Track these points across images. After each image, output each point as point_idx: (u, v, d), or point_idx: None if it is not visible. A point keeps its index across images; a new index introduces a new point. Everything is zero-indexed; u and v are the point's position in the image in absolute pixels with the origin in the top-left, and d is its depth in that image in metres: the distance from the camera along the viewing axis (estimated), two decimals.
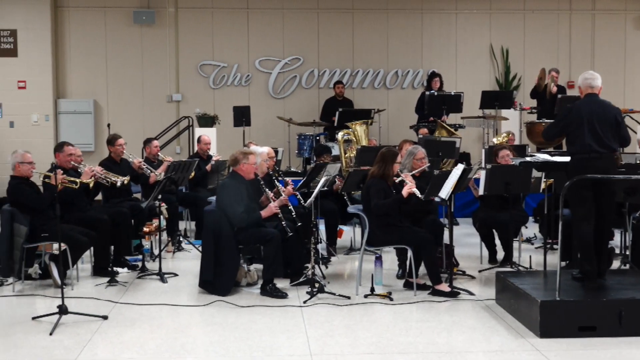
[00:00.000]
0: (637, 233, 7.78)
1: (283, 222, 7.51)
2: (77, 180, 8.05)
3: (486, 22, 16.02)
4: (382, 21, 15.85)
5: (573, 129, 6.67)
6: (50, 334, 6.07)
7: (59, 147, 8.52)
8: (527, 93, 14.64)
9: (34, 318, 6.51)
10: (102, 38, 15.44)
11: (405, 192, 7.27)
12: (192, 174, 10.17)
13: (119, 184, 8.46)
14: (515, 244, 8.81)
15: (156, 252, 8.81)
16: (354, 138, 11.79)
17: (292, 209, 7.88)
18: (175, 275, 8.29)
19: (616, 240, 9.22)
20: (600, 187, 6.62)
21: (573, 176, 6.42)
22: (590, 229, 6.61)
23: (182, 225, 10.70)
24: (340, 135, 11.78)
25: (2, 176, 14.50)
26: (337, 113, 13.26)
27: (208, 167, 10.76)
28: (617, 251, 8.93)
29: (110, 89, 15.50)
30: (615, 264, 8.35)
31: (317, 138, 13.91)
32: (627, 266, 8.13)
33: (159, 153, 10.48)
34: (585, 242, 6.59)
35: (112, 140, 9.64)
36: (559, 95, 12.81)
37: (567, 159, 6.98)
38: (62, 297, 6.43)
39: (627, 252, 8.29)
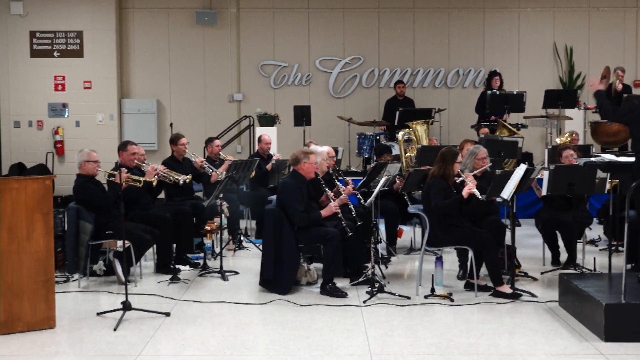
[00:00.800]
0: None
1: (343, 222, 7.51)
2: (141, 179, 8.17)
3: (550, 20, 15.77)
4: (443, 20, 15.74)
5: (637, 127, 6.53)
6: (115, 329, 6.17)
7: (123, 146, 8.65)
8: (591, 92, 14.37)
9: (98, 314, 6.64)
10: (165, 39, 15.67)
11: (465, 192, 7.20)
12: (253, 173, 10.24)
13: (181, 182, 8.57)
14: (579, 246, 8.65)
15: (217, 250, 8.90)
16: (414, 137, 11.73)
17: (352, 208, 7.88)
18: (236, 273, 8.37)
19: None
20: None
21: (639, 176, 6.29)
22: None
23: (243, 224, 10.79)
24: (400, 134, 11.73)
25: (69, 175, 14.85)
26: (397, 113, 13.21)
27: (268, 166, 10.82)
28: None
29: (172, 89, 15.73)
30: None
31: (377, 138, 13.89)
32: None
33: (220, 152, 10.58)
34: None
35: (174, 140, 9.77)
36: (625, 95, 12.54)
37: (633, 159, 6.84)
38: (126, 294, 6.54)
39: None
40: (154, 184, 8.35)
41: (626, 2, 15.70)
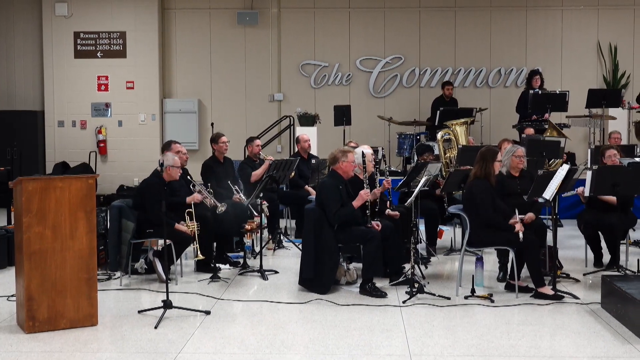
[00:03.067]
0: None
1: (367, 211, 7.51)
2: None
3: (594, 18, 15.57)
4: (484, 18, 15.62)
5: None
6: (155, 327, 6.23)
7: (167, 145, 8.73)
8: (636, 91, 14.17)
9: (139, 311, 6.71)
10: (207, 39, 15.78)
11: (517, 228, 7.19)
12: (293, 173, 10.26)
13: (218, 210, 8.43)
14: (623, 247, 8.53)
15: (257, 249, 8.94)
16: (453, 138, 11.66)
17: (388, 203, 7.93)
18: (276, 272, 8.39)
19: None
20: None
21: None
22: None
23: (282, 223, 10.81)
24: (440, 134, 11.68)
25: (111, 174, 15.09)
26: (438, 112, 13.15)
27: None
28: None
29: (214, 88, 15.84)
30: None
31: (418, 137, 13.84)
32: None
33: (261, 152, 10.61)
34: None
35: (215, 138, 9.83)
36: None
37: None
38: (167, 292, 6.60)
39: None
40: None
41: None
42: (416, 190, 7.60)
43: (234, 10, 15.63)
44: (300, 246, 8.39)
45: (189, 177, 8.71)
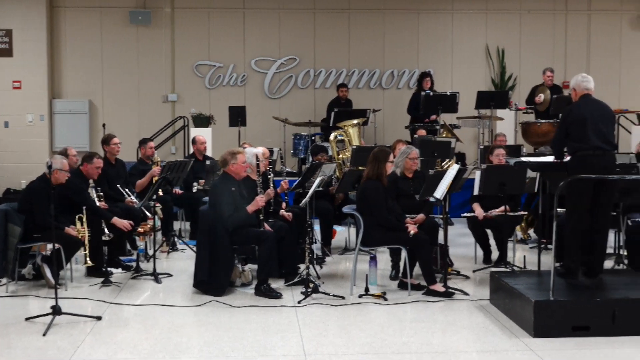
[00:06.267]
0: (632, 234, 7.79)
1: (261, 215, 7.50)
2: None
3: (482, 22, 16.02)
4: (378, 21, 15.84)
5: (576, 127, 6.73)
6: (44, 334, 6.05)
7: (89, 158, 8.53)
8: (522, 93, 14.66)
9: (27, 319, 6.48)
10: (98, 38, 15.42)
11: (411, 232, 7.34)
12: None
13: (104, 238, 8.25)
14: (510, 244, 8.82)
15: (151, 252, 8.80)
16: (346, 139, 11.79)
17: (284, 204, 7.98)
18: (170, 275, 8.28)
19: (610, 241, 9.23)
20: (600, 185, 6.67)
21: (575, 174, 6.48)
22: (583, 228, 6.68)
23: (176, 225, 10.68)
24: (332, 136, 11.80)
25: None
26: (332, 113, 13.25)
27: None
28: (611, 251, 8.95)
29: (105, 89, 15.49)
30: (609, 264, 8.38)
31: (313, 138, 13.92)
32: (621, 266, 8.14)
33: (155, 153, 10.45)
34: (574, 241, 6.70)
35: (107, 140, 9.64)
36: (554, 96, 12.81)
37: (551, 158, 7.08)
38: (56, 298, 6.41)
39: (621, 252, 8.30)
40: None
41: (555, 6, 16.04)
42: (310, 190, 7.65)
43: (126, 9, 15.32)
44: (194, 248, 8.31)
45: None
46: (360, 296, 7.24)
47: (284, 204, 8.44)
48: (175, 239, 9.92)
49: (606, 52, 16.04)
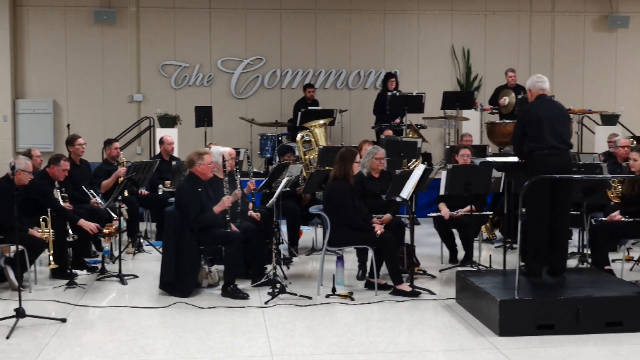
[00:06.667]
0: (595, 233, 7.88)
1: (227, 216, 7.48)
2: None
3: (448, 23, 16.12)
4: (344, 22, 15.87)
5: (532, 127, 6.84)
6: (7, 337, 5.97)
7: (56, 161, 8.45)
8: (487, 93, 14.77)
9: None
10: (62, 38, 15.26)
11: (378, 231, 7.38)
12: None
13: (69, 239, 8.17)
14: (476, 244, 8.89)
15: (116, 253, 8.73)
16: (312, 139, 11.79)
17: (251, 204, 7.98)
18: (136, 277, 8.21)
19: (574, 240, 9.36)
20: (558, 184, 6.76)
21: (532, 173, 6.56)
22: (544, 227, 6.76)
23: (142, 226, 10.61)
24: (299, 136, 11.80)
25: None
26: (299, 114, 13.25)
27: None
28: (575, 250, 9.06)
29: (70, 89, 15.33)
30: (573, 263, 8.49)
31: (279, 139, 13.91)
32: (585, 265, 8.24)
33: (120, 154, 10.38)
34: (537, 241, 6.79)
35: (71, 140, 9.55)
36: (519, 96, 12.92)
37: (516, 158, 7.17)
38: (20, 300, 6.33)
39: (585, 251, 8.40)
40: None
41: (520, 7, 16.19)
42: (277, 191, 7.64)
43: (91, 8, 15.17)
44: (160, 249, 8.26)
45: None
46: (327, 296, 7.25)
47: (250, 205, 8.42)
48: (141, 240, 9.85)
49: (570, 52, 16.22)
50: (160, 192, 10.29)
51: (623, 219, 7.80)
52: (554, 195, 6.81)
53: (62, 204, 8.20)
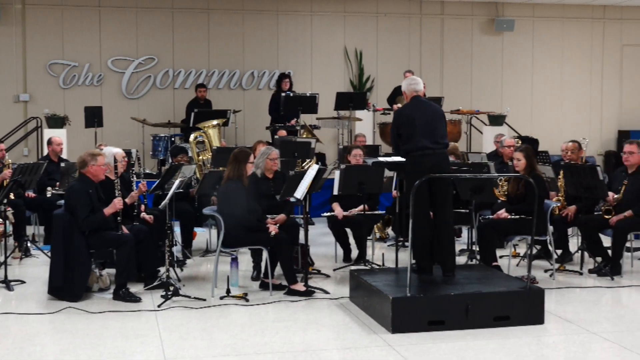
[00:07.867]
0: (483, 230, 8.12)
1: (119, 218, 7.37)
2: None
3: (340, 24, 16.28)
4: (237, 22, 15.81)
5: (406, 129, 7.00)
6: None
7: None
8: (380, 94, 15.00)
9: None
10: None
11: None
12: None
13: None
14: (369, 243, 9.01)
15: (1, 258, 8.43)
16: (206, 140, 11.71)
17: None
18: (23, 282, 7.95)
19: (464, 237, 9.62)
20: (435, 183, 6.94)
21: (410, 174, 6.76)
22: (426, 226, 6.92)
23: (29, 230, 10.27)
24: (192, 137, 11.70)
25: None
26: (192, 114, 13.12)
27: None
28: (465, 247, 9.31)
29: None
30: (463, 260, 8.72)
31: (172, 139, 13.75)
32: (474, 261, 8.47)
33: (6, 155, 10.03)
34: (421, 239, 6.94)
35: None
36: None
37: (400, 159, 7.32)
38: None
39: (474, 248, 8.64)
40: None
41: (411, 9, 16.51)
42: (170, 192, 7.55)
43: None
44: (49, 253, 8.02)
45: None
46: (221, 298, 7.21)
47: (142, 206, 8.28)
48: (28, 244, 9.54)
49: (458, 55, 16.67)
50: (48, 195, 10.02)
51: (509, 217, 8.06)
52: (432, 195, 6.97)
53: None
